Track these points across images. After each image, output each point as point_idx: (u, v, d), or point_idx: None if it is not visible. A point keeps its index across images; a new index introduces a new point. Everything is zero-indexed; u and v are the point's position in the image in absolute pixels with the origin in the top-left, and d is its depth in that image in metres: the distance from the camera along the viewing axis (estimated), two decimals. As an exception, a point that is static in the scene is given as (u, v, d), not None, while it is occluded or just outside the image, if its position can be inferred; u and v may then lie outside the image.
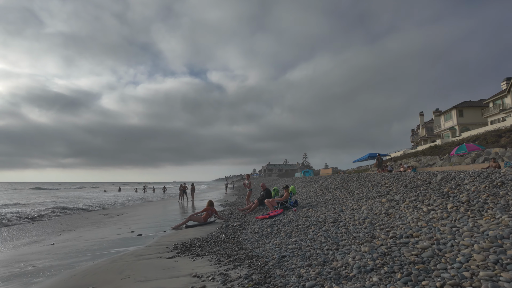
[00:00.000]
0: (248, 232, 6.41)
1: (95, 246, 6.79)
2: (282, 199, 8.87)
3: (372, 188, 9.38)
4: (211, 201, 9.48)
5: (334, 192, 11.18)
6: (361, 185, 10.78)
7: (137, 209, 17.17)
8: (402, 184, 8.32)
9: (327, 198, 9.89)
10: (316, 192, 12.35)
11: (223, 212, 11.69)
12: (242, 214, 10.24)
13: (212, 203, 9.32)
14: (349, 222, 5.53)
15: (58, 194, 35.92)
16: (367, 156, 25.31)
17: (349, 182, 12.56)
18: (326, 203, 8.69)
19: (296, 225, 6.20)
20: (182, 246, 5.85)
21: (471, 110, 44.07)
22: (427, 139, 54.95)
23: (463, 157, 21.86)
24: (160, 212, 14.87)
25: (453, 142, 32.70)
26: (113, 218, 12.67)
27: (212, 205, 9.28)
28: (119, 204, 21.55)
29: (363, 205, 7.09)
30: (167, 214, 13.46)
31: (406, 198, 6.55)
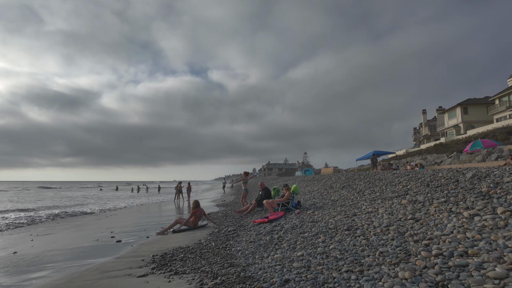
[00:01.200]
0: (242, 241, 5.30)
1: (61, 256, 5.69)
2: (283, 200, 7.77)
3: (385, 188, 8.27)
4: (197, 201, 8.34)
5: (340, 192, 10.07)
6: (371, 184, 9.67)
7: (128, 210, 16.05)
8: (421, 183, 7.21)
9: (334, 198, 8.79)
10: (320, 192, 11.25)
11: (217, 214, 10.58)
12: (238, 216, 9.14)
13: (197, 204, 8.18)
14: (368, 229, 4.42)
15: (67, 194, 34.83)
16: (371, 154, 24.21)
17: (356, 181, 11.45)
18: (334, 205, 7.58)
19: (301, 232, 5.10)
20: (161, 259, 4.75)
21: (476, 107, 42.92)
22: (430, 138, 53.84)
23: (472, 154, 20.75)
24: (151, 213, 13.75)
25: (460, 140, 31.60)
26: (100, 221, 11.56)
27: (198, 205, 8.15)
28: (111, 204, 20.43)
29: (379, 207, 5.98)
30: (159, 216, 12.34)
31: (433, 199, 5.45)
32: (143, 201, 21.58)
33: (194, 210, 7.99)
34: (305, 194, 11.72)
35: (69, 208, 17.02)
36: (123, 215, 13.08)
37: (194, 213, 7.93)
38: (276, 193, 9.46)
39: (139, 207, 17.11)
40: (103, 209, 16.30)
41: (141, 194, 31.96)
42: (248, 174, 10.96)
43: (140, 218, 11.58)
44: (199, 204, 8.23)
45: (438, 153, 28.03)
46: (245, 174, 10.93)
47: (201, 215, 8.08)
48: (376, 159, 28.88)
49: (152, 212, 14.27)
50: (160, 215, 12.58)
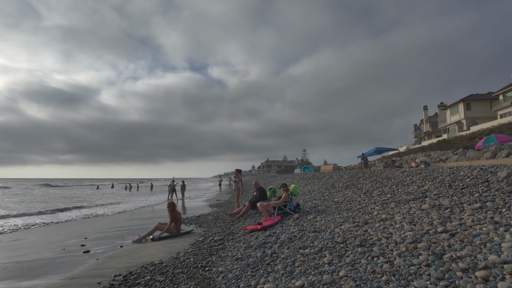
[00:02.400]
0: (227, 257, 4.26)
1: (4, 273, 4.63)
2: (280, 203, 6.74)
3: (396, 188, 7.24)
4: (172, 203, 7.19)
5: (344, 192, 9.05)
6: (378, 183, 8.65)
7: (113, 210, 14.96)
8: (441, 183, 6.18)
9: (338, 200, 7.76)
10: (322, 192, 10.23)
11: (207, 217, 9.53)
12: (229, 220, 8.11)
13: (173, 207, 7.07)
14: (388, 246, 3.39)
15: (64, 193, 33.73)
16: (374, 150, 23.20)
17: (360, 180, 10.43)
18: (338, 208, 6.56)
19: (300, 246, 4.06)
20: (123, 281, 3.72)
21: (479, 103, 41.91)
22: (431, 134, 52.89)
23: (480, 151, 19.75)
24: (138, 215, 12.70)
25: (464, 136, 30.60)
26: (78, 223, 10.51)
27: (174, 208, 7.03)
28: (97, 204, 19.33)
29: (394, 213, 4.95)
30: (145, 218, 11.30)
31: (462, 205, 4.42)
32: (126, 199, 20.50)
33: (174, 214, 6.94)
34: (305, 195, 10.70)
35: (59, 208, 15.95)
36: (109, 217, 12.04)
37: (174, 218, 6.89)
38: (272, 193, 8.43)
39: (124, 207, 16.03)
40: (90, 209, 15.24)
41: (132, 193, 30.87)
42: (240, 172, 9.89)
43: (125, 221, 10.54)
44: (175, 206, 7.15)
45: (442, 150, 27.05)
46: (237, 172, 9.88)
47: (181, 218, 7.03)
48: (366, 158, 27.74)
49: (139, 213, 13.21)
50: (146, 217, 11.53)
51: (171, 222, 6.85)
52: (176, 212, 7.01)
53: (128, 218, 11.20)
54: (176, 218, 6.94)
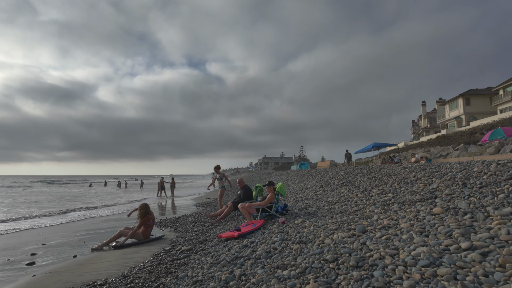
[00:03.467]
0: (185, 278, 3.30)
1: None
2: (264, 204, 5.78)
3: (398, 186, 6.31)
4: (145, 205, 6.23)
5: (339, 190, 8.13)
6: (377, 180, 7.73)
7: (95, 211, 13.93)
8: (452, 180, 5.26)
9: (331, 199, 6.83)
10: (315, 190, 9.30)
11: (187, 218, 8.56)
12: (210, 223, 7.15)
13: (147, 208, 6.10)
14: (395, 270, 2.45)
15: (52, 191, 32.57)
16: (371, 146, 22.32)
17: (357, 177, 9.52)
18: (332, 210, 5.62)
19: (279, 265, 3.11)
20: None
21: (479, 98, 41.14)
22: (429, 130, 52.19)
23: (483, 146, 18.92)
24: (117, 216, 11.69)
25: (464, 132, 29.80)
26: (45, 226, 9.50)
27: (148, 210, 6.07)
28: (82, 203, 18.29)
29: (399, 218, 4.02)
30: (122, 220, 10.31)
31: (485, 208, 3.49)
32: (111, 198, 19.47)
33: (145, 218, 5.98)
34: (297, 193, 9.77)
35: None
36: (83, 219, 11.03)
37: (144, 222, 5.93)
38: (259, 192, 7.48)
39: (107, 204, 15.01)
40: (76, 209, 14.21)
41: (122, 191, 29.81)
42: (219, 169, 8.87)
43: (99, 222, 9.55)
44: (148, 207, 6.18)
45: (442, 146, 26.22)
46: (216, 169, 8.87)
47: (153, 223, 6.07)
48: (350, 154, 26.67)
49: (120, 213, 12.20)
50: (123, 219, 10.52)
51: (139, 226, 5.88)
52: (148, 217, 6.04)
53: (105, 219, 10.20)
54: (146, 223, 5.97)
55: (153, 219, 6.10)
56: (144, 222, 5.94)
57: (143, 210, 6.01)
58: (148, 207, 6.17)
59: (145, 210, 6.03)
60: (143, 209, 6.03)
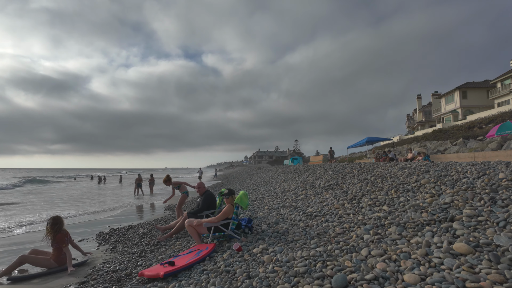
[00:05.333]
0: None
1: None
2: (216, 220, 4.27)
3: (396, 195, 4.87)
4: (55, 218, 4.56)
5: (324, 195, 6.70)
6: (370, 184, 6.30)
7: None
8: (469, 189, 3.82)
9: (311, 210, 5.38)
10: (297, 193, 7.87)
11: (138, 230, 7.03)
12: (158, 239, 5.65)
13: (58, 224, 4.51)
14: None
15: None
16: (365, 140, 20.99)
17: (347, 177, 8.11)
18: (307, 230, 4.17)
19: None
20: None
21: (476, 91, 40.05)
22: (424, 124, 51.20)
23: (484, 142, 17.69)
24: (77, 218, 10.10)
25: (461, 126, 28.66)
26: None
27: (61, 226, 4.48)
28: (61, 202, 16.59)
29: (400, 257, 2.58)
30: (78, 226, 8.75)
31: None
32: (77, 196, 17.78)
33: (60, 236, 4.45)
34: (276, 196, 8.32)
35: None
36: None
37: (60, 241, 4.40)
38: (222, 201, 5.98)
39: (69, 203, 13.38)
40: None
41: (99, 187, 28.11)
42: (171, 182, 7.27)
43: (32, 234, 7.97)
44: (62, 222, 4.61)
45: (438, 140, 25.03)
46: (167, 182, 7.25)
47: (68, 241, 4.52)
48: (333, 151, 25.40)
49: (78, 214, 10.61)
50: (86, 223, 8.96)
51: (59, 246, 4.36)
52: (62, 234, 4.51)
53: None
54: (61, 241, 4.45)
55: (69, 236, 4.56)
56: (60, 241, 4.42)
57: (55, 225, 4.46)
58: (61, 222, 4.61)
59: (58, 225, 4.48)
60: (55, 225, 4.49)
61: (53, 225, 4.50)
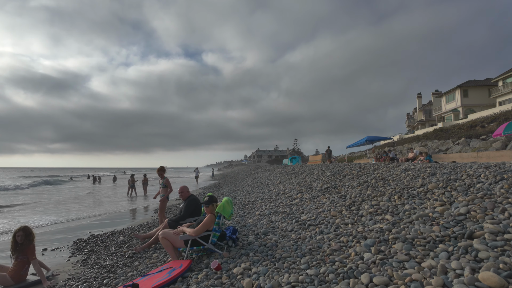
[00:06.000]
0: None
1: None
2: (195, 234, 3.70)
3: (400, 201, 4.32)
4: (23, 229, 3.96)
5: (320, 199, 6.14)
6: (370, 187, 5.75)
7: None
8: (488, 200, 3.27)
9: (305, 218, 4.82)
10: (292, 197, 7.31)
11: (118, 237, 6.47)
12: (135, 250, 5.09)
13: (28, 237, 3.95)
14: None
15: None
16: (365, 140, 20.43)
17: (345, 179, 7.57)
18: (299, 243, 3.62)
19: None
20: None
21: (477, 89, 39.52)
22: (425, 123, 50.66)
23: (487, 141, 17.15)
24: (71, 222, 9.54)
25: (463, 125, 28.10)
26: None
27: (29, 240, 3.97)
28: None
29: (412, 272, 2.03)
30: (54, 233, 8.19)
31: None
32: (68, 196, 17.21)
33: (32, 246, 3.90)
34: (270, 200, 7.77)
35: None
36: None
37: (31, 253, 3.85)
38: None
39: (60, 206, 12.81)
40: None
41: (94, 187, 27.54)
42: (164, 172, 6.81)
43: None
44: (31, 234, 4.05)
45: (439, 139, 24.48)
46: (160, 172, 6.80)
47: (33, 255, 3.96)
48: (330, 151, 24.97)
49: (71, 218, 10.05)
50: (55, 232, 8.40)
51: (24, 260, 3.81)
52: (33, 245, 3.95)
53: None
54: (25, 258, 3.89)
55: (32, 250, 3.98)
56: (33, 254, 3.87)
57: (24, 236, 3.90)
58: (31, 233, 4.06)
59: (28, 237, 3.91)
60: (31, 234, 3.94)
61: (28, 235, 3.95)
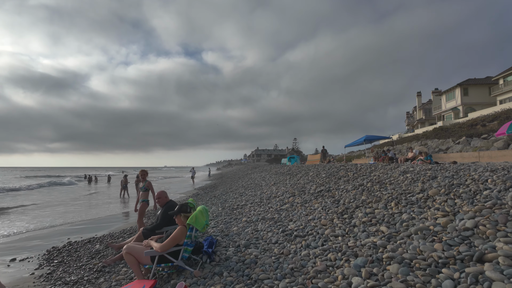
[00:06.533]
0: None
1: None
2: (162, 249, 3.22)
3: (397, 208, 3.87)
4: None
5: (312, 204, 5.69)
6: (366, 191, 5.30)
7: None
8: (500, 211, 2.82)
9: (294, 225, 4.37)
10: (283, 201, 6.86)
11: (94, 245, 6.02)
12: (104, 263, 4.63)
13: None
14: None
15: None
16: (363, 139, 19.95)
17: (340, 182, 7.12)
18: (281, 260, 3.17)
19: None
20: None
21: (478, 88, 39.05)
22: (424, 122, 50.21)
23: (489, 140, 16.70)
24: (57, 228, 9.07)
25: (464, 124, 27.64)
26: None
27: None
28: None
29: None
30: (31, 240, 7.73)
31: None
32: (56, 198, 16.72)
33: None
34: (260, 204, 7.31)
35: None
36: None
37: None
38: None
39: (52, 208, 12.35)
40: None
41: (89, 187, 27.07)
42: (146, 176, 6.36)
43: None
44: None
45: (439, 138, 24.03)
46: (142, 174, 6.36)
47: None
48: (326, 150, 24.62)
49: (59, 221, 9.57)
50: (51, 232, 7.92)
51: None
52: None
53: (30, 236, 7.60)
54: None
55: None
56: None
57: None
58: None
59: None
60: None
61: None
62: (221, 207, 7.94)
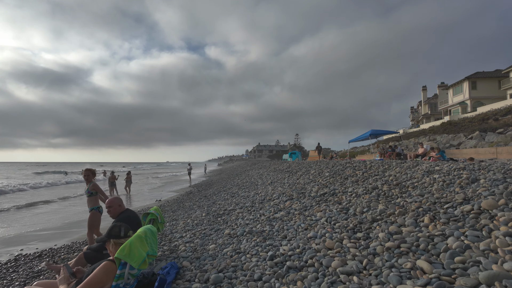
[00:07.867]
0: None
1: None
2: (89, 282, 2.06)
3: (431, 221, 2.64)
4: None
5: (314, 211, 4.49)
6: (382, 199, 4.08)
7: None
8: None
9: (288, 247, 3.17)
10: (278, 205, 5.66)
11: (58, 252, 4.85)
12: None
13: None
14: None
15: None
16: (369, 133, 18.67)
17: (347, 182, 5.92)
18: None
19: None
20: None
21: (487, 81, 37.46)
22: (430, 117, 48.75)
23: (506, 135, 15.40)
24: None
25: (474, 118, 26.27)
26: None
27: None
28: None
29: None
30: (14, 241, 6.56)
31: None
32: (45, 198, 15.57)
33: None
34: (251, 209, 6.11)
35: None
36: None
37: None
38: (148, 222, 3.79)
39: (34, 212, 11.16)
40: None
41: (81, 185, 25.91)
42: (93, 177, 5.14)
43: None
44: None
45: (449, 133, 22.70)
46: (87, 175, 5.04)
47: None
48: (320, 147, 23.55)
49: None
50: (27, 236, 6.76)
51: None
52: None
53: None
54: None
55: None
56: None
57: None
58: None
59: None
60: None
61: None
62: (206, 212, 6.76)
